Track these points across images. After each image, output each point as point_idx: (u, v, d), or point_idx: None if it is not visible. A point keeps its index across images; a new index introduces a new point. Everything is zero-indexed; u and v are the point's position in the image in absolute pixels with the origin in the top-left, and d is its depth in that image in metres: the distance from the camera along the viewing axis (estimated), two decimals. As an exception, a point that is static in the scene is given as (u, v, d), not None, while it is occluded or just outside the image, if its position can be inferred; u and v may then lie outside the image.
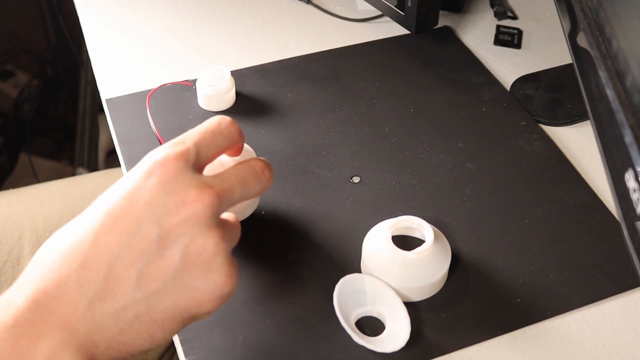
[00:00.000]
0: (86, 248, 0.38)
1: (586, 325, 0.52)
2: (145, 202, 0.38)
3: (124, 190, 0.39)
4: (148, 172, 0.39)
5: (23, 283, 0.38)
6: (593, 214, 0.59)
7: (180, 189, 0.39)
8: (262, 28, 0.82)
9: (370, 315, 0.52)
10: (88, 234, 0.38)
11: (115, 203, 0.39)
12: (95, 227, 0.38)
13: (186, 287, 0.39)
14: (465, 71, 0.74)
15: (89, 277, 0.37)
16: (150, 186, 0.39)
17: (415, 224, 0.54)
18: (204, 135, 0.42)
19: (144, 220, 0.38)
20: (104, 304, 0.38)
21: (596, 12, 0.45)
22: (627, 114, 0.38)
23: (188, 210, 0.39)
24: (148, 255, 0.38)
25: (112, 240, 0.38)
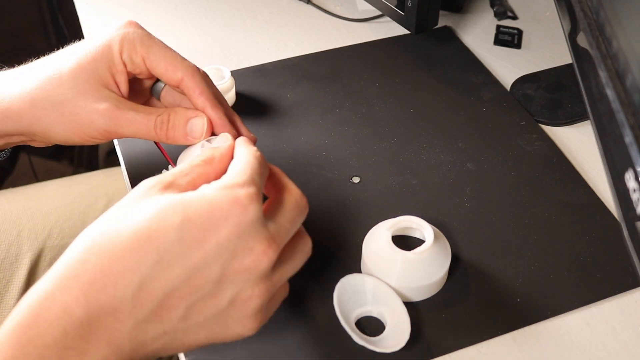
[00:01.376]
0: (147, 270, 0.38)
1: (586, 325, 0.52)
2: (217, 242, 0.39)
3: (199, 221, 0.39)
4: (227, 211, 0.39)
5: (70, 282, 0.37)
6: (593, 214, 0.59)
7: (252, 237, 0.40)
8: (262, 28, 0.82)
9: (370, 315, 0.52)
10: (152, 254, 0.38)
11: (186, 232, 0.38)
12: (161, 250, 0.38)
13: (222, 325, 0.41)
14: (465, 71, 0.74)
15: (143, 299, 0.38)
16: (227, 227, 0.39)
17: (415, 224, 0.54)
18: (262, 171, 0.43)
19: (211, 259, 0.39)
20: (149, 326, 0.38)
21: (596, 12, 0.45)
22: (627, 114, 0.38)
23: (253, 261, 0.40)
24: (202, 292, 0.39)
25: (175, 272, 0.38)
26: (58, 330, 0.36)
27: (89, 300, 0.37)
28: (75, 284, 0.37)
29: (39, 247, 0.72)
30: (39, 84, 0.50)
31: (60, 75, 0.50)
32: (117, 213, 0.40)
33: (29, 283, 0.71)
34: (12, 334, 0.36)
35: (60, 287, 0.37)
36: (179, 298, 0.39)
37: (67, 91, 0.50)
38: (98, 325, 0.37)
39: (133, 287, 0.37)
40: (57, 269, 0.38)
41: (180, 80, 0.51)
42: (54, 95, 0.50)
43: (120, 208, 0.40)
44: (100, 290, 0.37)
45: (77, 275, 0.37)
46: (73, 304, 0.37)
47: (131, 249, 0.38)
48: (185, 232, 0.38)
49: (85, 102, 0.50)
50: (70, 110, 0.50)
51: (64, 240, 0.73)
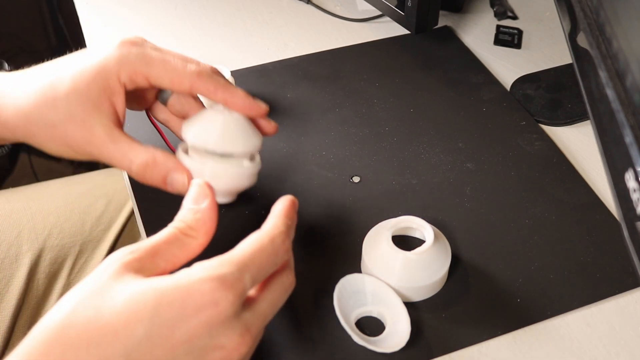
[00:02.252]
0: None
1: (586, 325, 0.52)
2: (186, 338, 0.37)
3: (169, 316, 0.37)
4: (199, 306, 0.37)
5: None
6: (593, 214, 0.59)
7: (224, 334, 0.38)
8: (262, 28, 0.82)
9: (370, 315, 0.52)
10: (118, 352, 0.36)
11: (155, 328, 0.36)
12: (128, 347, 0.36)
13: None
14: (465, 71, 0.74)
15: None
16: (197, 324, 0.37)
17: (415, 224, 0.54)
18: (262, 266, 0.40)
19: (179, 355, 0.37)
20: None
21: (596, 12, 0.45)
22: (627, 114, 0.38)
23: (223, 357, 0.38)
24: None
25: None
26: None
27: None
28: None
29: (39, 247, 0.72)
30: (34, 102, 0.50)
31: (54, 96, 0.50)
32: (82, 300, 0.37)
33: (29, 283, 0.71)
34: None
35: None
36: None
37: (59, 115, 0.49)
38: None
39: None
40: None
41: (189, 89, 0.50)
42: (47, 116, 0.50)
43: (86, 294, 0.38)
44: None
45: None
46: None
47: (98, 344, 0.36)
48: (154, 328, 0.36)
49: (75, 129, 0.49)
50: (61, 134, 0.50)
51: (64, 240, 0.73)
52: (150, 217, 0.59)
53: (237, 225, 0.58)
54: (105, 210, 0.76)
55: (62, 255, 0.73)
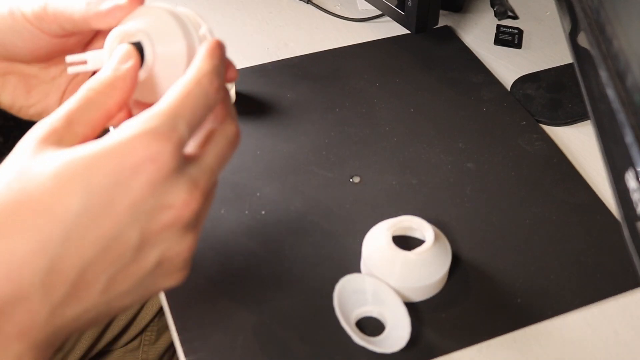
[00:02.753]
0: (55, 249, 0.33)
1: (586, 325, 0.52)
2: (129, 204, 0.34)
3: (105, 183, 0.33)
4: (136, 166, 0.33)
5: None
6: (593, 214, 0.59)
7: (170, 192, 0.35)
8: (262, 28, 0.82)
9: (370, 316, 0.52)
10: (57, 231, 0.32)
11: (93, 198, 0.33)
12: (67, 222, 0.33)
13: (149, 286, 0.37)
14: (465, 71, 0.74)
15: (55, 282, 0.33)
16: (138, 186, 0.34)
17: (415, 224, 0.54)
18: (194, 111, 0.36)
19: (126, 225, 0.34)
20: (66, 308, 0.34)
21: (596, 11, 0.45)
22: (627, 113, 0.38)
23: (174, 216, 0.35)
24: (122, 260, 0.35)
25: (87, 244, 0.33)
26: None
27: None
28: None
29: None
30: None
31: None
32: (3, 186, 0.33)
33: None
34: None
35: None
36: (95, 273, 0.34)
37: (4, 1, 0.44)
38: (4, 320, 0.32)
39: (41, 272, 0.32)
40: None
41: None
42: None
43: (5, 179, 0.34)
44: (5, 280, 0.32)
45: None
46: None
47: (33, 227, 0.32)
48: (91, 199, 0.33)
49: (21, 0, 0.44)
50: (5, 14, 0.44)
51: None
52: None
53: (237, 225, 0.58)
54: None
55: None
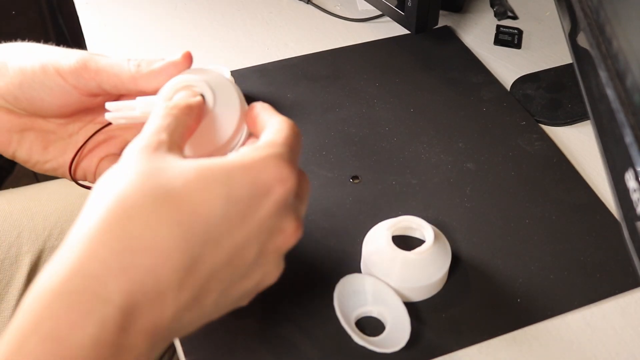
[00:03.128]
0: (195, 249, 0.33)
1: (586, 325, 0.52)
2: (259, 220, 0.35)
3: (244, 195, 0.35)
4: (268, 185, 0.35)
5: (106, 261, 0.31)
6: (593, 214, 0.59)
7: (286, 217, 0.37)
8: (262, 28, 0.82)
9: (370, 315, 0.52)
10: (200, 232, 0.33)
11: (232, 205, 0.34)
12: (209, 224, 0.34)
13: (237, 304, 0.38)
14: (465, 71, 0.74)
15: (187, 284, 0.33)
16: (268, 204, 0.35)
17: (415, 224, 0.54)
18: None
19: (252, 240, 0.35)
20: (186, 313, 0.34)
21: (596, 12, 0.45)
22: (627, 114, 0.38)
23: (282, 242, 0.37)
24: (238, 273, 0.36)
25: (220, 251, 0.34)
26: (95, 323, 0.30)
27: (132, 284, 0.31)
28: (113, 263, 0.31)
29: (39, 248, 0.72)
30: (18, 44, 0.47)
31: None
32: (141, 180, 0.33)
33: (29, 284, 0.71)
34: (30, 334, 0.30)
35: (94, 274, 0.31)
36: (218, 281, 0.35)
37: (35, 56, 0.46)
38: (139, 314, 0.32)
39: (180, 270, 0.33)
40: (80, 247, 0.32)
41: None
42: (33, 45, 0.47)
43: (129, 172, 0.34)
44: (146, 272, 0.32)
45: (115, 257, 0.31)
46: (113, 289, 0.31)
47: (178, 223, 0.33)
48: (230, 207, 0.34)
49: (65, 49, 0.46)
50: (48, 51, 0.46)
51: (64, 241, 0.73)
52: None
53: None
54: None
55: None
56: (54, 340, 0.30)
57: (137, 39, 0.79)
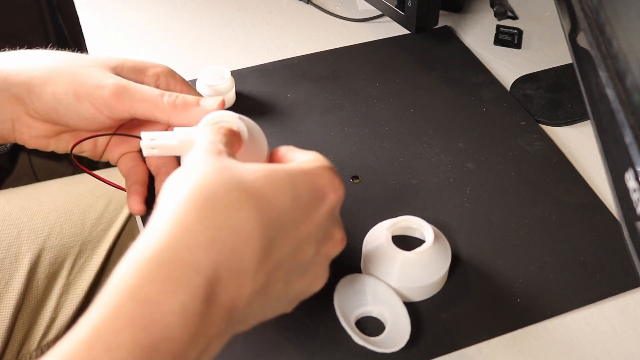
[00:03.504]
0: (271, 234, 0.35)
1: (586, 325, 0.52)
2: (316, 222, 0.38)
3: (306, 194, 0.38)
4: (324, 190, 0.39)
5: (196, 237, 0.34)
6: (593, 214, 0.59)
7: (336, 223, 0.41)
8: (262, 28, 0.82)
9: (370, 315, 0.52)
10: (275, 219, 0.36)
11: (297, 202, 0.37)
12: (281, 213, 0.36)
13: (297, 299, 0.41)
14: (465, 71, 0.74)
15: (264, 268, 0.35)
16: (324, 208, 0.39)
17: (415, 224, 0.54)
18: None
19: (311, 238, 0.38)
20: (257, 300, 0.36)
21: (596, 12, 0.45)
22: (627, 114, 0.38)
23: (332, 247, 0.41)
24: (299, 269, 0.39)
25: (288, 240, 0.37)
26: (185, 291, 0.32)
27: (218, 258, 0.33)
28: (202, 237, 0.34)
29: (38, 247, 0.72)
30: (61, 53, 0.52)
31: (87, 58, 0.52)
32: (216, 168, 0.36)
33: (29, 283, 0.71)
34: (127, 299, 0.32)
35: (184, 244, 0.33)
36: (283, 271, 0.37)
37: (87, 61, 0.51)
38: (221, 288, 0.33)
39: (259, 253, 0.35)
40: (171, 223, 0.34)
41: None
42: (72, 61, 0.51)
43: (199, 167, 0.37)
44: (230, 249, 0.34)
45: (202, 233, 0.34)
46: (202, 261, 0.33)
47: (257, 209, 0.35)
48: (296, 202, 0.37)
49: (100, 70, 0.51)
50: (82, 72, 0.50)
51: (63, 240, 0.73)
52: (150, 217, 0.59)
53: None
54: (105, 210, 0.76)
55: (61, 255, 0.73)
56: (149, 304, 0.32)
57: (137, 39, 0.79)
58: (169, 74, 0.54)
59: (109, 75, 0.51)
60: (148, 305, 0.32)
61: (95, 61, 0.52)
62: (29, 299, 0.71)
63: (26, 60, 0.52)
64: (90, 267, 0.74)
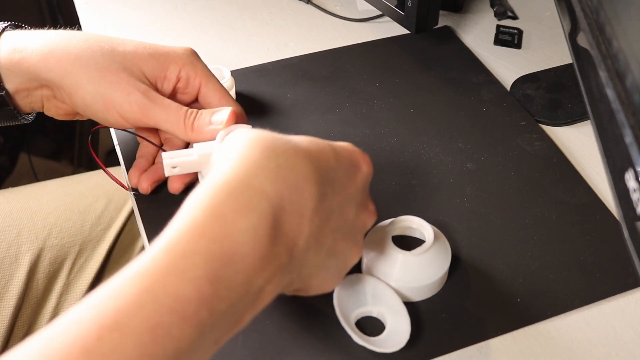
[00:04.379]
0: (324, 185, 0.39)
1: (586, 325, 0.52)
2: (354, 189, 0.42)
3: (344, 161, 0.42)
4: (359, 164, 0.43)
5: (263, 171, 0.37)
6: (593, 214, 0.59)
7: (368, 197, 0.45)
8: (262, 28, 0.82)
9: (370, 315, 0.52)
10: (324, 173, 0.39)
11: (340, 164, 0.41)
12: (329, 170, 0.40)
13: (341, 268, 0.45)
14: (465, 71, 0.74)
15: (319, 212, 0.38)
16: (359, 179, 0.42)
17: (415, 224, 0.54)
18: None
19: (352, 200, 0.42)
20: (311, 247, 0.39)
21: (596, 12, 0.45)
22: (627, 114, 0.38)
23: (368, 218, 0.44)
24: (344, 229, 0.42)
25: (337, 197, 0.40)
26: (254, 213, 0.35)
27: (283, 190, 0.37)
28: (267, 170, 0.37)
29: (38, 247, 0.72)
30: (88, 46, 0.52)
31: (112, 50, 0.53)
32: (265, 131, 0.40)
33: (29, 283, 0.71)
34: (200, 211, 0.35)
35: (253, 174, 0.37)
36: (332, 226, 0.40)
37: (115, 64, 0.52)
38: (284, 221, 0.37)
39: (315, 197, 0.38)
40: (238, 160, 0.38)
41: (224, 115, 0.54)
42: (100, 62, 0.52)
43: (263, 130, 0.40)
44: (292, 185, 0.37)
45: (268, 167, 0.37)
46: (268, 188, 0.36)
47: (308, 162, 0.38)
48: (339, 165, 0.41)
49: (128, 78, 0.52)
50: (112, 78, 0.52)
51: (63, 240, 0.73)
52: (150, 217, 0.59)
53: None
54: (105, 210, 0.76)
55: (61, 255, 0.73)
56: (223, 220, 0.35)
57: (137, 39, 0.79)
58: (189, 66, 0.56)
59: (136, 85, 0.52)
60: (222, 221, 0.35)
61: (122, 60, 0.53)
62: (29, 298, 0.71)
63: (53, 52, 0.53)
64: (90, 266, 0.74)
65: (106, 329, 0.31)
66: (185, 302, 0.33)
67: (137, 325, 0.31)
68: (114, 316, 0.32)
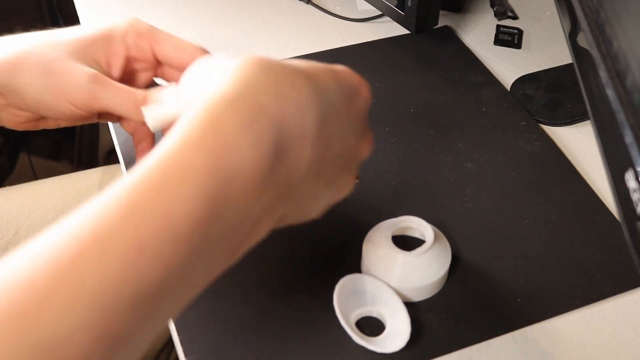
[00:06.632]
0: (326, 109, 0.36)
1: (586, 325, 0.52)
2: (355, 114, 0.39)
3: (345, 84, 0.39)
4: (358, 88, 0.40)
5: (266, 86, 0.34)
6: (593, 214, 0.59)
7: (367, 127, 0.42)
8: (262, 28, 0.82)
9: (370, 315, 0.52)
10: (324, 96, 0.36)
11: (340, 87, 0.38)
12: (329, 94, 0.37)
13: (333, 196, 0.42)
14: (465, 71, 0.74)
15: (321, 137, 0.36)
16: (360, 103, 0.40)
17: (415, 224, 0.54)
18: None
19: (353, 125, 0.39)
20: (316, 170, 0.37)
21: (596, 12, 0.45)
22: (627, 114, 0.37)
23: (365, 147, 0.42)
24: (344, 158, 0.39)
25: (339, 123, 0.37)
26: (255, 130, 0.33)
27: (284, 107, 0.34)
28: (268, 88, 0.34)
29: (38, 247, 0.72)
30: (32, 44, 0.51)
31: (54, 41, 0.51)
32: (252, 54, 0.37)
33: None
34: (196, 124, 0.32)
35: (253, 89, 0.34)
36: (333, 153, 0.37)
37: (59, 53, 0.50)
38: (285, 145, 0.34)
39: (318, 120, 0.35)
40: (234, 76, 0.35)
41: (190, 59, 0.51)
42: (44, 54, 0.50)
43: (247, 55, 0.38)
44: (294, 105, 0.34)
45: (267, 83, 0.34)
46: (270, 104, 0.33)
47: (310, 84, 0.36)
48: (339, 86, 0.38)
49: (74, 65, 0.50)
50: (58, 68, 0.50)
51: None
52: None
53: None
54: None
55: None
56: (222, 132, 0.32)
57: (137, 38, 0.79)
58: (132, 31, 0.54)
59: (84, 71, 0.50)
60: (221, 135, 0.32)
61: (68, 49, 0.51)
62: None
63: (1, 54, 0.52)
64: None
65: (85, 245, 0.29)
66: (177, 220, 0.30)
67: (120, 241, 0.29)
68: (95, 231, 0.29)
